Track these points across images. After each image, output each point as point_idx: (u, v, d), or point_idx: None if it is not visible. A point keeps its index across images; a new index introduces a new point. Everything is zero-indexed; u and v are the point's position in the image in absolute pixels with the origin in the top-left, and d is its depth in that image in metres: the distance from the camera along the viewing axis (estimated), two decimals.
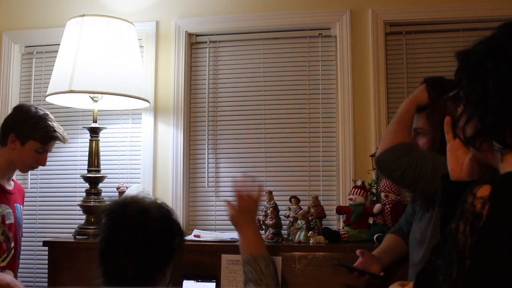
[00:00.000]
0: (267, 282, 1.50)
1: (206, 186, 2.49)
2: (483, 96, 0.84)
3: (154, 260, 1.28)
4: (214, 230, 2.40)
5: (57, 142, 2.08)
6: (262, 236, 2.06)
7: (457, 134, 0.96)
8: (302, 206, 2.10)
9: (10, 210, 1.99)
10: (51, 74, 2.24)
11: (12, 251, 1.99)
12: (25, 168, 2.06)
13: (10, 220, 1.98)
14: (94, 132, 2.28)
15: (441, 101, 1.44)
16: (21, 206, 2.12)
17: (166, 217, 1.32)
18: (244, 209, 1.62)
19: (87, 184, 2.28)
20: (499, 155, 0.86)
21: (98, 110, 2.33)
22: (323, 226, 2.06)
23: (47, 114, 2.05)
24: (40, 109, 2.06)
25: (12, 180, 2.11)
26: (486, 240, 0.71)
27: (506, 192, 0.74)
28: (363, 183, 2.14)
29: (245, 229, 1.60)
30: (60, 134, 2.04)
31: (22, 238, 2.16)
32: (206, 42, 2.55)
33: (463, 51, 0.92)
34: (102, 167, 2.31)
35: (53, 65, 2.24)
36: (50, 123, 2.02)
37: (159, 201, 1.37)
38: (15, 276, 2.04)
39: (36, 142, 1.99)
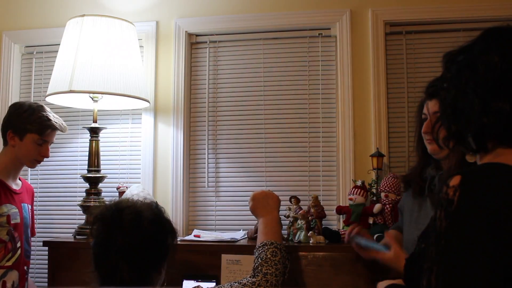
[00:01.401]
0: (268, 270, 1.53)
1: (206, 186, 2.49)
2: (454, 104, 0.95)
3: (150, 261, 1.30)
4: (214, 230, 2.40)
5: (57, 131, 2.04)
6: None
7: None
8: (302, 206, 2.10)
9: (16, 210, 1.98)
10: (51, 74, 2.24)
11: (19, 251, 1.98)
12: (30, 163, 2.04)
13: (16, 220, 1.97)
14: (94, 132, 2.28)
15: None
16: (29, 206, 2.10)
17: (159, 217, 1.34)
18: (260, 197, 1.75)
19: (87, 184, 2.28)
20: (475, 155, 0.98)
21: (98, 110, 2.33)
22: (323, 226, 2.06)
23: (41, 106, 2.02)
24: (34, 102, 2.04)
25: (20, 180, 2.10)
26: (457, 222, 0.82)
27: (474, 180, 0.85)
28: (363, 183, 2.14)
29: (262, 217, 1.71)
30: (56, 122, 2.01)
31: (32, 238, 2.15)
32: (206, 42, 2.55)
33: (449, 56, 0.99)
34: (102, 167, 2.31)
35: (53, 65, 2.24)
36: (44, 113, 1.98)
37: (149, 202, 1.39)
38: (25, 275, 2.04)
39: (34, 134, 1.96)
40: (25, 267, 2.05)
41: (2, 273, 1.92)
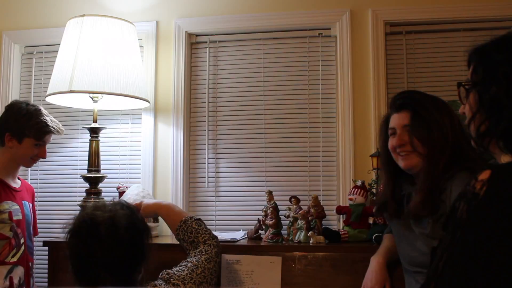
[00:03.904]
0: (204, 237, 1.66)
1: (206, 186, 2.49)
2: (498, 100, 0.90)
3: (131, 265, 1.33)
4: (214, 230, 2.40)
5: (54, 134, 2.09)
6: (262, 236, 2.07)
7: (467, 131, 1.00)
8: (302, 206, 2.10)
9: (18, 207, 2.01)
10: (51, 74, 2.24)
11: (22, 247, 2.01)
12: (27, 163, 2.09)
13: (18, 217, 2.00)
14: (94, 132, 2.28)
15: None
16: (30, 204, 2.13)
17: (132, 219, 1.36)
18: (145, 201, 1.84)
19: (87, 184, 2.28)
20: (501, 154, 0.93)
21: (98, 110, 2.33)
22: (323, 226, 2.06)
23: (39, 110, 2.05)
24: (31, 105, 2.07)
25: (19, 179, 2.13)
26: (477, 218, 0.81)
27: (503, 177, 0.83)
28: (363, 183, 2.14)
29: (161, 209, 1.79)
30: (54, 127, 2.06)
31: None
32: (206, 42, 2.55)
33: (482, 52, 0.95)
34: (102, 167, 2.31)
35: (53, 65, 2.24)
36: (42, 118, 2.03)
37: (119, 204, 1.40)
38: (30, 272, 2.06)
39: (31, 139, 2.02)
40: (30, 264, 2.07)
41: (9, 269, 1.95)
